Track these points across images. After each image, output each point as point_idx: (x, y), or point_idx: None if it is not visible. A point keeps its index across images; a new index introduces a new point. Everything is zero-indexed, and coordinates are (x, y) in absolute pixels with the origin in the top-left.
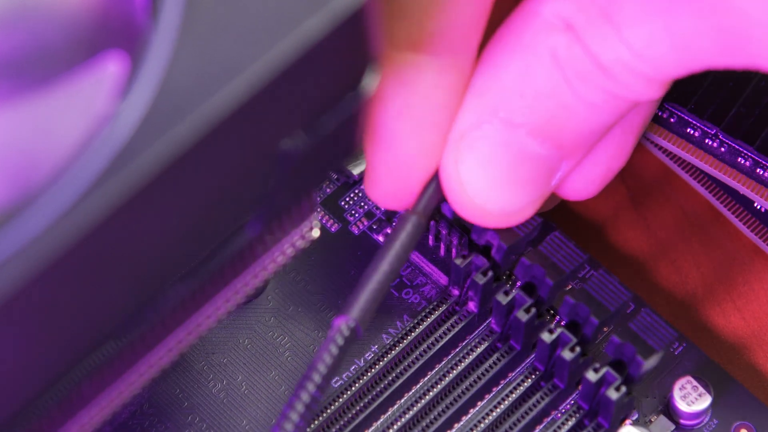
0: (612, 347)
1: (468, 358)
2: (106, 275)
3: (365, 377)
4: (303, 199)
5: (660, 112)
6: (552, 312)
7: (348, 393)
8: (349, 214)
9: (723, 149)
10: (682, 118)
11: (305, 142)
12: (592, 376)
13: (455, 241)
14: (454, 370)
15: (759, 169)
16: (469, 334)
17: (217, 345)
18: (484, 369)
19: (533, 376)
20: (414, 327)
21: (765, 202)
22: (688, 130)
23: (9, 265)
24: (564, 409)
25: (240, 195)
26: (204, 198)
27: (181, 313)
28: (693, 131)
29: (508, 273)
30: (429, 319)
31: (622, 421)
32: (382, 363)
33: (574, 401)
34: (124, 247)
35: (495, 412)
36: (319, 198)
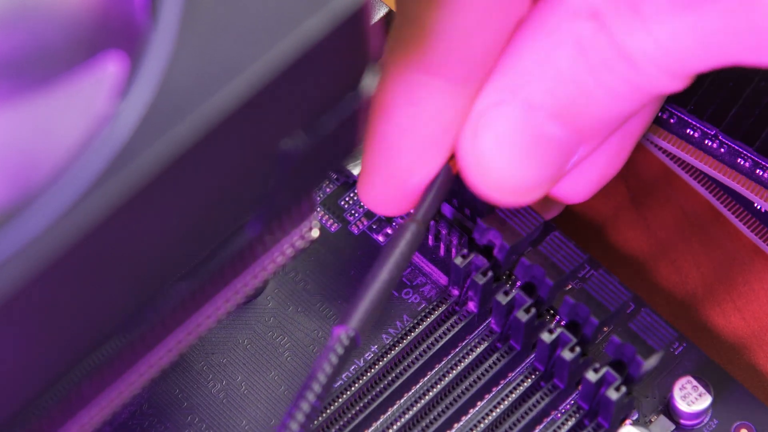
0: (612, 347)
1: (468, 358)
2: (106, 275)
3: (365, 377)
4: (303, 199)
5: (660, 113)
6: (552, 312)
7: (348, 393)
8: (349, 214)
9: (723, 150)
10: (681, 118)
11: (305, 142)
12: (592, 376)
13: (455, 241)
14: (454, 370)
15: (758, 170)
16: (469, 334)
17: (217, 345)
18: (483, 369)
19: (533, 376)
20: (414, 327)
21: (765, 203)
22: (688, 130)
23: (9, 265)
24: (564, 409)
25: (240, 195)
26: (204, 198)
27: (181, 313)
28: (693, 132)
29: (508, 273)
30: (429, 319)
31: (622, 421)
32: (382, 363)
33: (574, 401)
34: (124, 247)
35: (495, 412)
36: (319, 198)
